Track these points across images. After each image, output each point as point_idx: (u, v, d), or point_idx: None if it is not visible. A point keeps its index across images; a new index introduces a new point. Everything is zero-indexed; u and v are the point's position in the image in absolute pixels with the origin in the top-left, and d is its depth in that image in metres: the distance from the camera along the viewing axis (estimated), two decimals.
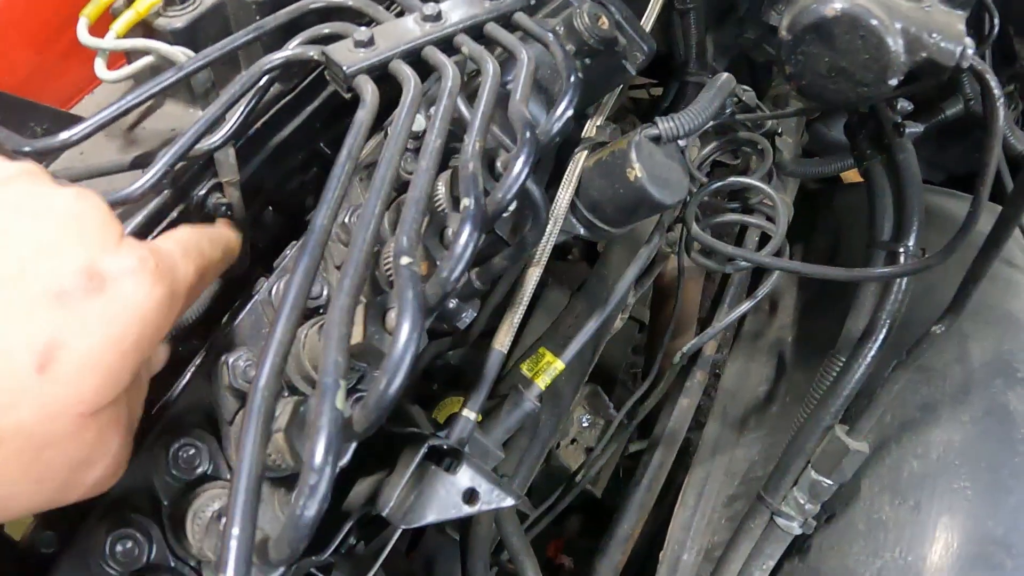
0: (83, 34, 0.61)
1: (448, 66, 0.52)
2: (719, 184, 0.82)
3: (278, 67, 0.55)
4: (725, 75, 0.78)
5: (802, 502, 0.77)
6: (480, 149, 0.46)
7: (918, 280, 0.77)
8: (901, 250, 0.76)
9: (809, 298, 1.15)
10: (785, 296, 1.18)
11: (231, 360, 0.51)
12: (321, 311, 0.56)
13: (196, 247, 0.43)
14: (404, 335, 0.35)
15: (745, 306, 0.85)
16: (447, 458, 0.61)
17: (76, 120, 0.50)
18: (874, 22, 0.55)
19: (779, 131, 1.01)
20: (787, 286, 1.19)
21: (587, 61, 0.73)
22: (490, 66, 0.53)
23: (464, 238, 0.40)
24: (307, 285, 0.38)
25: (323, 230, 0.41)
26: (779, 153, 1.01)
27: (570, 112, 0.53)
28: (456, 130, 0.51)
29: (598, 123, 0.80)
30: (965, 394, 0.83)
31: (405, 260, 0.38)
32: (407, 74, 0.52)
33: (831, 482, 0.76)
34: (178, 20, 0.62)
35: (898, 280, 0.76)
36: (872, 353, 0.75)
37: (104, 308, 0.34)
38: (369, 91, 0.50)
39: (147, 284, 0.36)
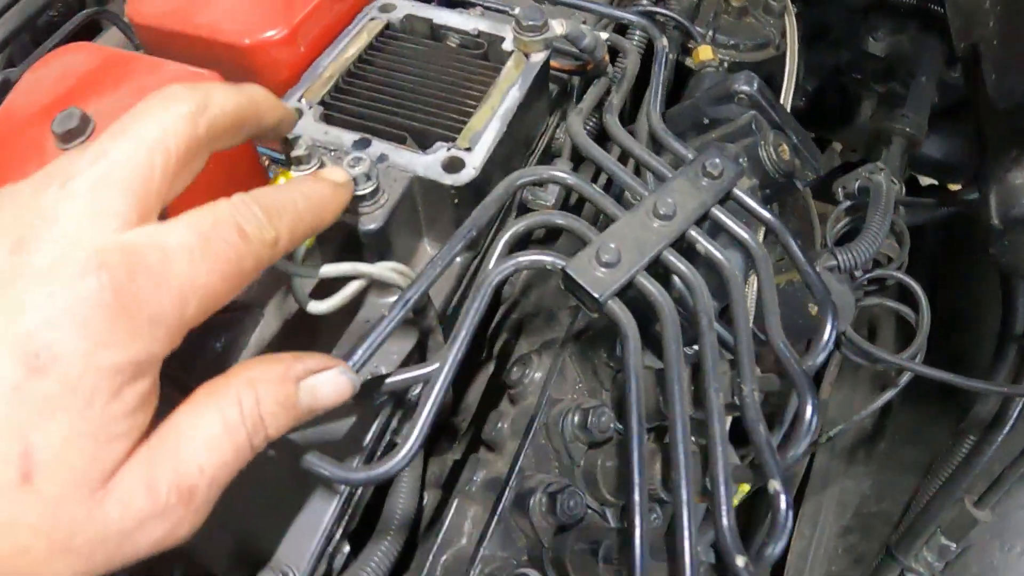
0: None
1: (701, 294, 0.55)
2: (870, 277, 0.87)
3: (508, 276, 0.55)
4: (884, 184, 0.81)
5: (931, 561, 0.88)
6: (758, 400, 0.52)
7: None
8: None
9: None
10: (884, 327, 1.24)
11: None
12: None
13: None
14: None
15: (886, 397, 0.91)
16: None
17: None
18: None
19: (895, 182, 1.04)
20: (885, 316, 1.25)
21: (766, 192, 0.76)
22: (738, 292, 0.56)
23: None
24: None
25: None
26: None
27: (832, 343, 0.57)
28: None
29: None
30: None
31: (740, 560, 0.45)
32: (661, 302, 0.55)
33: (958, 547, 0.86)
34: (371, 220, 0.58)
35: None
36: (1002, 437, 0.83)
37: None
38: (623, 318, 0.54)
39: None
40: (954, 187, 1.30)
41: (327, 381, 0.40)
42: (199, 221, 0.35)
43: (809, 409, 0.54)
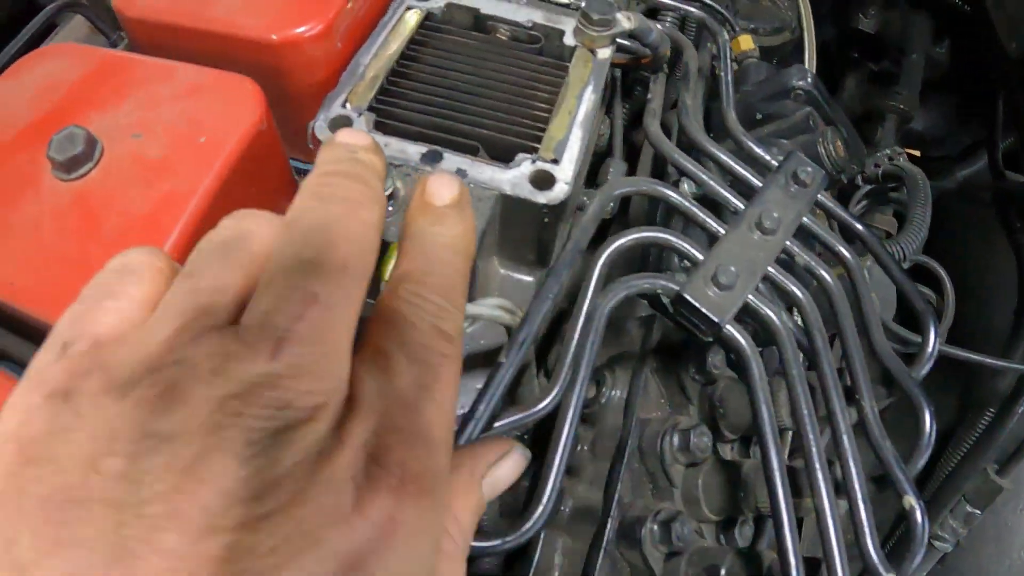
0: None
1: (812, 311, 0.53)
2: None
3: (621, 301, 0.51)
4: (918, 173, 0.80)
5: (956, 527, 0.92)
6: (878, 420, 0.51)
7: None
8: None
9: None
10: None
11: None
12: None
13: None
14: None
15: None
16: None
17: None
18: None
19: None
20: None
21: None
22: (843, 306, 0.54)
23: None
24: None
25: None
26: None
27: (935, 352, 0.56)
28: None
29: None
30: None
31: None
32: (777, 325, 0.52)
33: (981, 512, 0.91)
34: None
35: None
36: (1022, 410, 0.87)
37: None
38: (743, 342, 0.51)
39: None
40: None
41: (508, 468, 0.34)
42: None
43: (927, 420, 0.54)
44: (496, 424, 0.46)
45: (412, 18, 0.64)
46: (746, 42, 0.80)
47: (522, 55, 0.63)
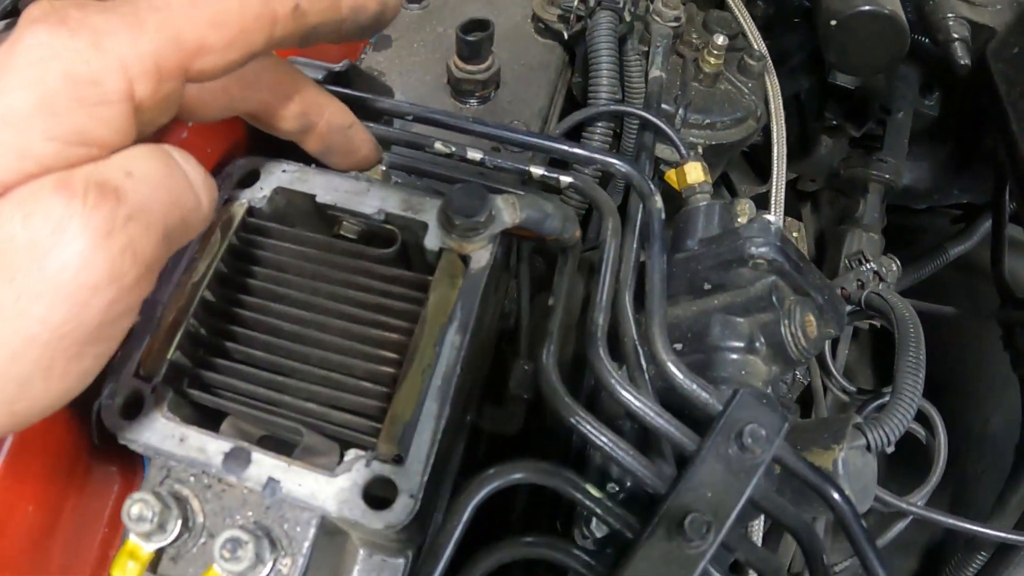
0: None
1: None
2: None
3: None
4: (909, 317, 0.62)
5: None
6: None
7: None
8: None
9: None
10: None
11: None
12: None
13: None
14: None
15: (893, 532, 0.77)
16: None
17: None
18: None
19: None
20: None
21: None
22: None
23: None
24: None
25: None
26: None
27: None
28: None
29: None
30: None
31: None
32: None
33: None
34: None
35: None
36: (1017, 560, 0.71)
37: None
38: None
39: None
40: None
41: None
42: None
43: None
44: None
45: (230, 218, 0.46)
46: (694, 172, 0.60)
47: (371, 268, 0.45)
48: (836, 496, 0.43)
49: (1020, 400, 0.78)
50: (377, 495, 0.37)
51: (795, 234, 1.14)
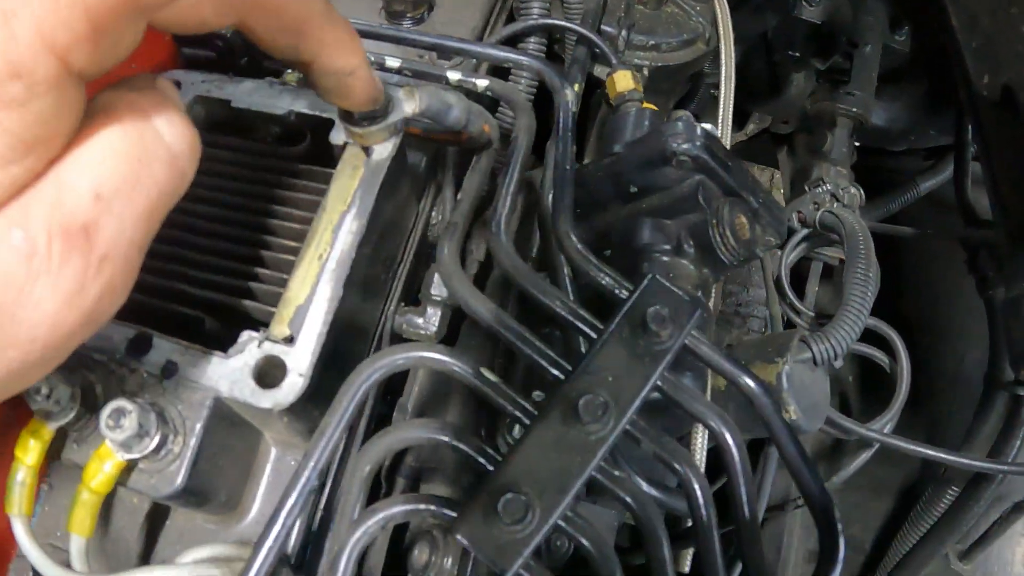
0: None
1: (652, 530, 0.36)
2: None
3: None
4: (859, 231, 0.60)
5: None
6: None
7: None
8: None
9: None
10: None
11: None
12: None
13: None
14: None
15: (860, 460, 0.75)
16: None
17: None
18: None
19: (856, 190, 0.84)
20: None
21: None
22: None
23: None
24: None
25: None
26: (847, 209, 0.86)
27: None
28: None
29: None
30: None
31: None
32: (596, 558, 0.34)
33: None
34: (165, 482, 0.37)
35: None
36: (988, 494, 0.69)
37: None
38: None
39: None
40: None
41: None
42: None
43: None
44: None
45: None
46: (623, 80, 0.59)
47: (279, 165, 0.44)
48: (750, 383, 0.41)
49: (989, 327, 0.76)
50: (268, 374, 0.37)
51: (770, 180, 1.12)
